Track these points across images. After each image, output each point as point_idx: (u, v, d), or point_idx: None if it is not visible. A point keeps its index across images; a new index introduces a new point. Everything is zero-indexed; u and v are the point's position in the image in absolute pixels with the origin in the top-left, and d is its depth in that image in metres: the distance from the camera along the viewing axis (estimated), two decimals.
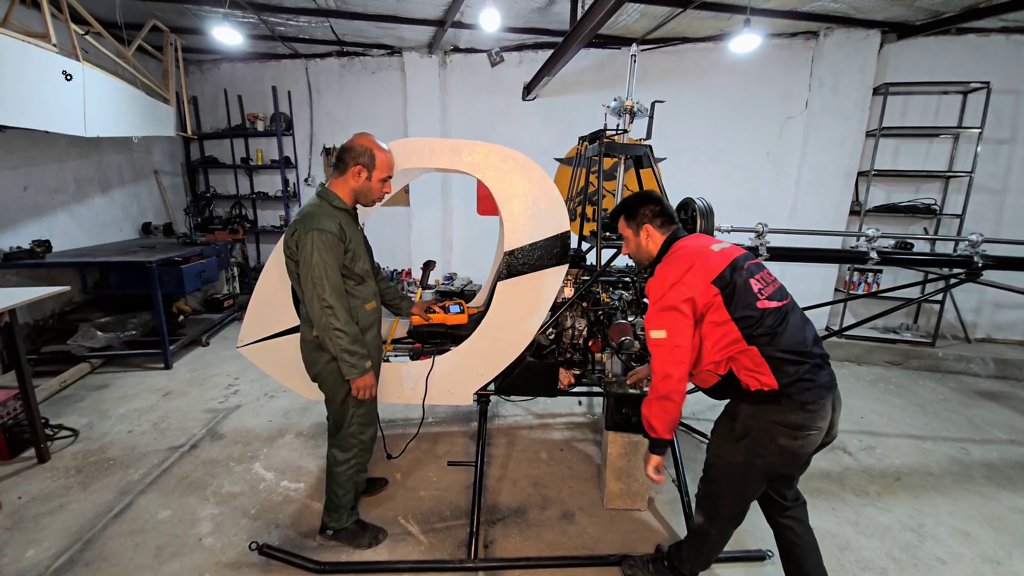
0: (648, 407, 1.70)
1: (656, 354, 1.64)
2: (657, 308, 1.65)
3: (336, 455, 2.12)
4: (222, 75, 6.00)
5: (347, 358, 1.89)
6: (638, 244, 1.89)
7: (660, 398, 1.66)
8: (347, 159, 1.92)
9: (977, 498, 2.71)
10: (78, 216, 4.68)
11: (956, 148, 4.85)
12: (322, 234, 1.80)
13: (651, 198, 1.88)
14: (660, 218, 1.85)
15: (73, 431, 3.11)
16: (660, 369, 1.64)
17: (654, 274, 1.73)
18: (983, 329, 5.18)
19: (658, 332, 1.63)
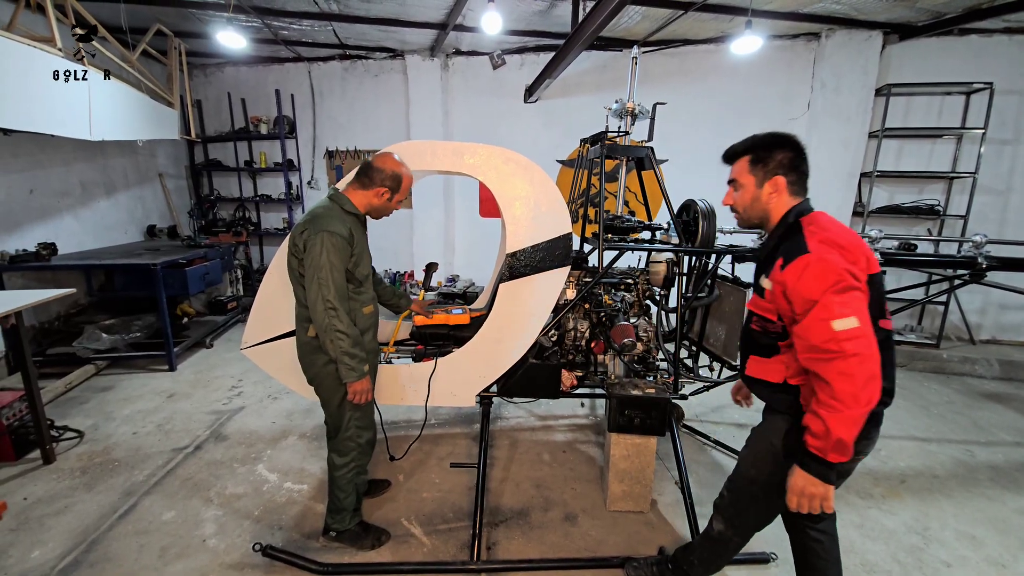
0: (843, 425, 1.24)
1: (849, 350, 1.22)
2: (837, 289, 1.26)
3: (335, 459, 2.12)
4: (226, 79, 6.04)
5: (347, 360, 1.90)
6: (755, 197, 1.51)
7: (862, 413, 1.24)
8: (374, 177, 1.97)
9: (982, 501, 2.70)
10: (83, 219, 4.71)
11: (959, 149, 4.84)
12: (332, 236, 1.82)
13: (792, 142, 1.47)
14: (795, 174, 1.47)
15: (78, 432, 3.13)
16: (863, 369, 1.22)
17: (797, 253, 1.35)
18: (988, 330, 5.15)
19: (847, 321, 1.24)
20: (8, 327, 2.63)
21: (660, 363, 2.76)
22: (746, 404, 2.02)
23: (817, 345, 1.28)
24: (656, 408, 2.34)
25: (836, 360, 1.24)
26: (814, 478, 1.33)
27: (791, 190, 1.48)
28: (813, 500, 1.35)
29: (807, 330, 1.30)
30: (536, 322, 2.47)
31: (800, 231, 1.41)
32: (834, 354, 1.24)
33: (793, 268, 1.34)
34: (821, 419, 1.27)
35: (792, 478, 1.38)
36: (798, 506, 1.37)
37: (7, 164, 3.92)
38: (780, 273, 1.38)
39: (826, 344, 1.26)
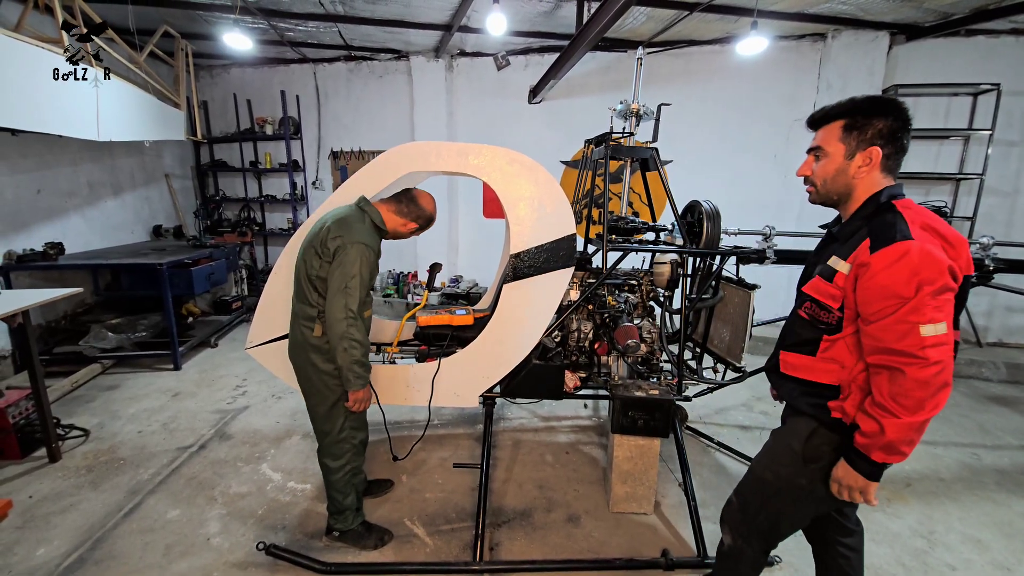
0: (908, 430, 1.17)
1: (934, 358, 1.13)
2: (935, 289, 1.13)
3: (329, 463, 2.11)
4: (232, 80, 6.07)
5: (357, 369, 1.91)
6: (841, 169, 1.32)
7: (925, 420, 1.17)
8: (412, 209, 2.13)
9: (988, 504, 2.68)
10: (90, 219, 4.75)
11: (967, 150, 4.81)
12: (368, 250, 1.90)
13: (897, 110, 1.27)
14: (894, 147, 1.28)
15: (84, 431, 3.15)
16: (939, 379, 1.14)
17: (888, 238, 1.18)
18: (995, 333, 5.11)
19: (938, 327, 1.13)
20: (15, 326, 2.65)
21: (664, 364, 2.76)
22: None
23: (895, 348, 1.16)
24: (660, 410, 2.33)
25: (915, 366, 1.14)
26: (855, 473, 1.28)
27: (885, 165, 1.30)
28: (852, 491, 1.31)
29: (885, 330, 1.17)
30: (540, 323, 2.47)
31: (896, 212, 1.22)
32: (917, 360, 1.14)
33: (887, 253, 1.16)
34: (877, 420, 1.20)
35: (835, 469, 1.34)
36: (838, 493, 1.33)
37: (15, 164, 3.96)
38: (867, 255, 1.20)
39: (908, 348, 1.14)
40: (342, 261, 1.86)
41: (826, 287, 1.32)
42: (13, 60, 2.90)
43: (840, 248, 1.33)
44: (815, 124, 1.40)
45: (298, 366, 2.06)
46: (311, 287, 1.96)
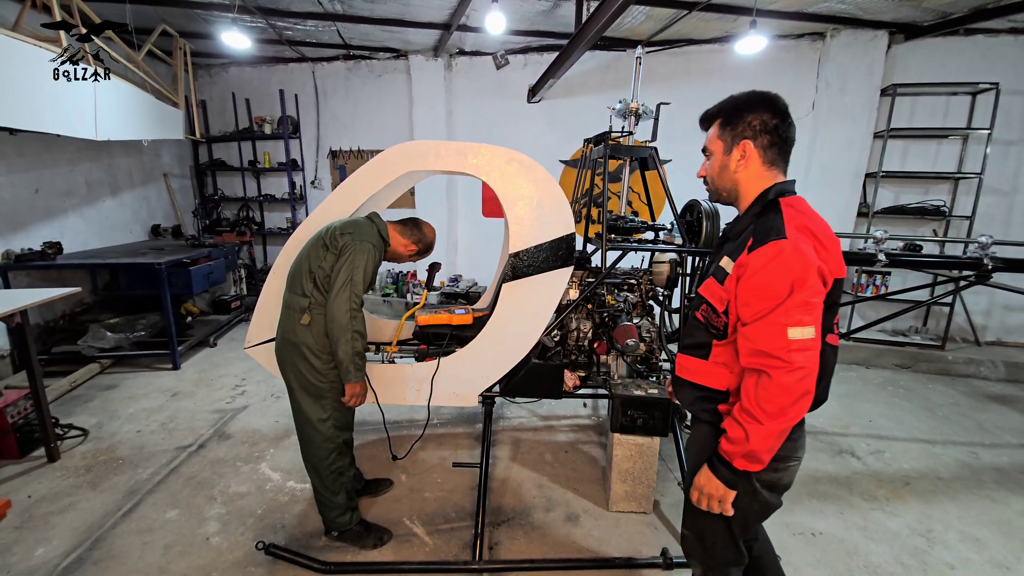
0: (768, 438, 1.16)
1: (798, 363, 1.11)
2: (805, 294, 1.11)
3: (313, 463, 2.11)
4: (230, 79, 6.06)
5: (357, 361, 1.96)
6: (723, 165, 1.32)
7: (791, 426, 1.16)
8: (416, 234, 2.29)
9: (987, 503, 2.68)
10: (88, 218, 4.74)
11: (965, 149, 4.81)
12: (375, 250, 2.03)
13: (769, 103, 1.26)
14: (770, 136, 1.25)
15: (83, 431, 3.14)
16: (801, 385, 1.12)
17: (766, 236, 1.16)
18: (993, 332, 5.12)
19: (805, 331, 1.11)
20: (13, 325, 2.65)
21: (663, 364, 2.76)
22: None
23: (765, 350, 1.14)
24: (659, 409, 2.33)
25: (780, 370, 1.12)
26: (717, 480, 1.25)
27: (764, 158, 1.27)
28: (712, 500, 1.28)
29: (758, 332, 1.15)
30: (539, 322, 2.47)
31: (779, 211, 1.21)
32: (781, 364, 1.12)
33: (762, 253, 1.15)
34: (742, 427, 1.18)
35: (698, 476, 1.31)
36: (697, 501, 1.31)
37: (13, 164, 3.95)
38: (746, 255, 1.19)
39: (776, 351, 1.12)
40: (351, 257, 1.94)
41: (717, 289, 1.29)
42: (11, 59, 2.89)
43: (731, 247, 1.31)
44: (703, 124, 1.42)
45: (284, 360, 2.06)
46: (308, 277, 1.99)
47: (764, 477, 1.30)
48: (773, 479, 1.31)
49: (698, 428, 1.43)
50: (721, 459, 1.24)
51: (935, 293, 4.55)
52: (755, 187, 1.30)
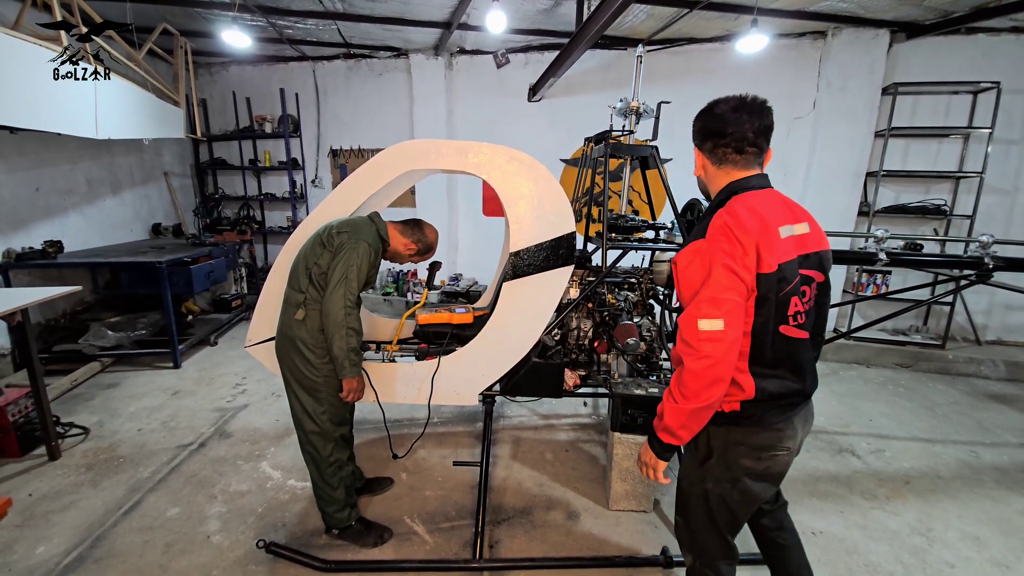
0: (679, 415, 1.28)
1: (705, 352, 1.22)
2: (713, 289, 1.23)
3: (312, 454, 2.13)
4: (231, 77, 6.06)
5: (353, 357, 1.99)
6: (696, 169, 1.47)
7: (702, 408, 1.26)
8: (417, 235, 2.28)
9: (987, 502, 2.68)
10: (89, 217, 4.74)
11: (966, 148, 4.80)
12: (371, 249, 2.04)
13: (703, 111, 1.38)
14: (710, 140, 1.36)
15: (84, 429, 3.15)
16: (709, 372, 1.23)
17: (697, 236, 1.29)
18: (994, 331, 5.12)
19: (712, 322, 1.22)
20: (14, 324, 2.65)
21: (663, 363, 2.76)
22: None
23: (684, 339, 1.27)
24: None
25: (690, 357, 1.25)
26: (650, 451, 1.41)
27: (712, 160, 1.38)
28: (647, 468, 1.44)
29: (681, 323, 1.29)
30: (539, 321, 2.47)
31: (717, 212, 1.30)
32: (691, 351, 1.25)
33: (684, 253, 1.31)
34: (663, 404, 1.33)
35: (641, 448, 1.46)
36: (640, 468, 1.47)
37: (13, 162, 3.95)
38: (677, 255, 1.35)
39: (689, 340, 1.25)
40: (346, 255, 1.96)
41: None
42: (11, 58, 2.89)
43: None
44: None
45: (282, 354, 2.08)
46: (305, 273, 2.01)
47: (751, 466, 1.38)
48: (760, 468, 1.38)
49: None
50: (652, 432, 1.40)
51: (936, 292, 4.54)
52: (716, 188, 1.42)
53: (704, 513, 1.47)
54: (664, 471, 1.43)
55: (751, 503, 1.44)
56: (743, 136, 1.31)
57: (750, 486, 1.40)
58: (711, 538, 1.50)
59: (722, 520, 1.46)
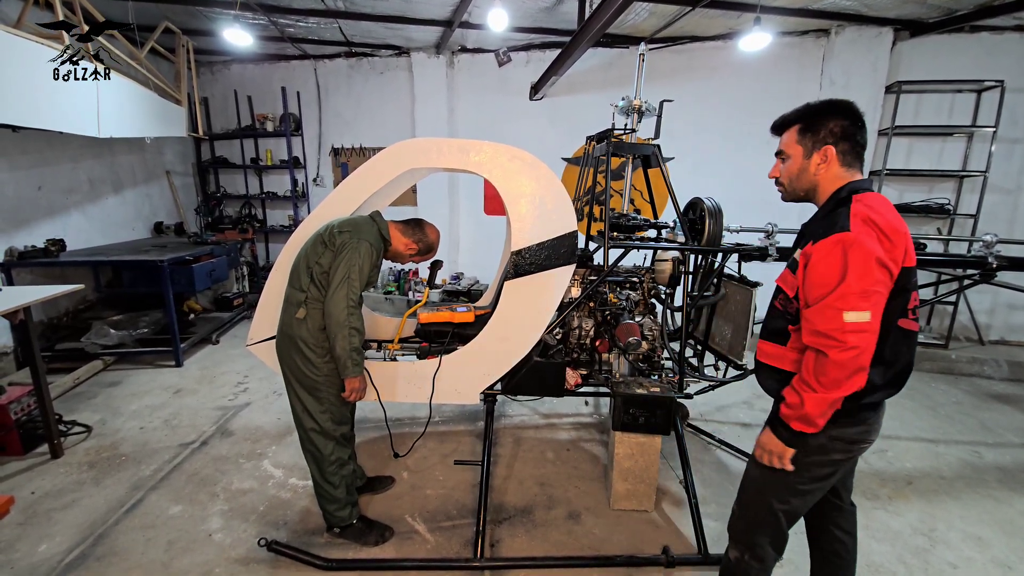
0: (821, 404, 1.29)
1: (852, 343, 1.23)
2: (864, 282, 1.23)
3: (313, 452, 2.13)
4: (232, 76, 6.06)
5: (355, 356, 1.99)
6: (803, 168, 1.43)
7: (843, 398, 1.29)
8: (417, 232, 2.27)
9: (989, 502, 2.67)
10: (91, 216, 4.75)
11: (970, 147, 4.78)
12: (373, 248, 2.04)
13: (848, 111, 1.38)
14: (848, 144, 1.38)
15: (86, 427, 3.16)
16: (854, 362, 1.24)
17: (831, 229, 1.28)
18: (997, 331, 5.10)
19: (860, 314, 1.23)
20: (17, 322, 2.66)
21: (665, 362, 2.75)
22: None
23: (821, 331, 1.27)
24: (661, 407, 2.33)
25: (835, 349, 1.25)
26: (776, 439, 1.41)
27: (843, 161, 1.39)
28: (772, 456, 1.43)
29: (816, 314, 1.28)
30: (541, 320, 2.47)
31: (847, 207, 1.31)
32: (836, 343, 1.25)
33: (825, 243, 1.28)
34: (798, 394, 1.33)
35: (760, 435, 1.47)
36: (760, 456, 1.47)
37: (16, 161, 3.95)
38: (811, 246, 1.32)
39: (832, 332, 1.25)
40: (348, 255, 1.97)
41: (790, 278, 1.43)
42: (13, 56, 2.89)
43: (803, 240, 1.44)
44: (777, 130, 1.52)
45: (283, 352, 2.08)
46: (306, 272, 2.02)
47: (840, 459, 1.43)
48: (845, 461, 1.45)
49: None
50: (780, 421, 1.39)
51: (939, 292, 4.52)
52: (833, 187, 1.42)
53: (774, 507, 1.50)
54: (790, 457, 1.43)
55: (817, 498, 1.51)
56: (866, 142, 1.41)
57: (829, 481, 1.47)
58: (771, 532, 1.54)
59: (790, 515, 1.51)
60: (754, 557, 1.57)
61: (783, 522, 1.52)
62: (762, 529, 1.54)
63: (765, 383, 1.54)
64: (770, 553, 1.57)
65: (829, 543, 1.68)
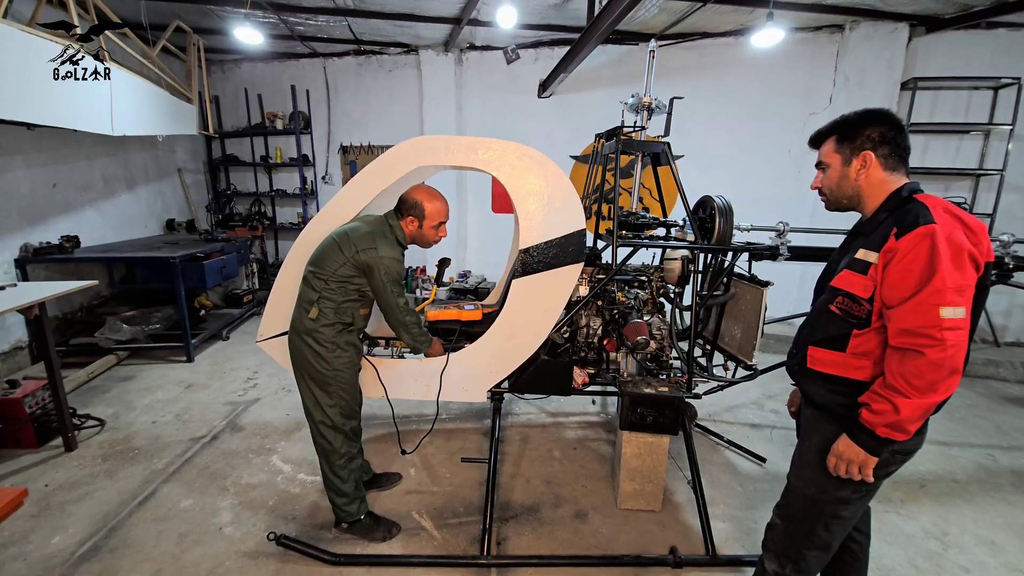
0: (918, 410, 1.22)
1: (950, 341, 1.17)
2: (958, 276, 1.18)
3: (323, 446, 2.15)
4: (243, 74, 6.10)
5: (421, 338, 2.28)
6: (843, 175, 1.42)
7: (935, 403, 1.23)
8: (402, 209, 2.15)
9: (1003, 506, 2.63)
10: (105, 212, 4.81)
11: (987, 145, 4.69)
12: (393, 260, 2.07)
13: (885, 117, 1.37)
14: (889, 146, 1.36)
15: (100, 421, 3.20)
16: (951, 362, 1.18)
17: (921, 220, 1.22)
18: (1013, 333, 5.00)
19: (956, 310, 1.17)
20: (32, 317, 2.70)
21: (674, 362, 2.74)
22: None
23: (914, 329, 1.20)
24: (669, 407, 2.31)
25: (933, 348, 1.18)
26: (857, 447, 1.32)
27: (884, 164, 1.37)
28: (852, 465, 1.34)
29: (908, 312, 1.20)
30: (548, 319, 2.46)
31: (920, 204, 1.28)
32: (934, 342, 1.18)
33: (912, 237, 1.21)
34: (887, 400, 1.24)
35: (836, 444, 1.37)
36: (834, 468, 1.37)
37: (31, 158, 4.01)
38: (894, 242, 1.25)
39: (927, 330, 1.18)
40: (379, 274, 2.04)
41: (859, 279, 1.35)
42: (28, 54, 2.93)
43: (867, 241, 1.38)
44: (815, 143, 1.52)
45: (294, 348, 2.11)
46: (321, 274, 2.04)
47: (893, 470, 1.40)
48: (894, 471, 1.41)
49: (827, 425, 1.44)
50: (862, 428, 1.30)
51: None
52: (880, 190, 1.39)
53: (828, 521, 1.45)
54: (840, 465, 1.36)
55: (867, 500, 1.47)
56: (909, 148, 1.40)
57: (876, 491, 1.44)
58: (820, 545, 1.49)
59: (843, 528, 1.48)
60: (796, 570, 1.53)
61: (836, 535, 1.49)
62: (813, 543, 1.49)
63: (816, 391, 1.47)
64: (814, 568, 1.54)
65: (844, 544, 1.64)
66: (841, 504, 1.44)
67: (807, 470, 1.48)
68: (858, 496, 1.43)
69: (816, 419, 1.49)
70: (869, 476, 1.33)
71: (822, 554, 1.51)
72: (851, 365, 1.37)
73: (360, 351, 2.25)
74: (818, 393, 1.46)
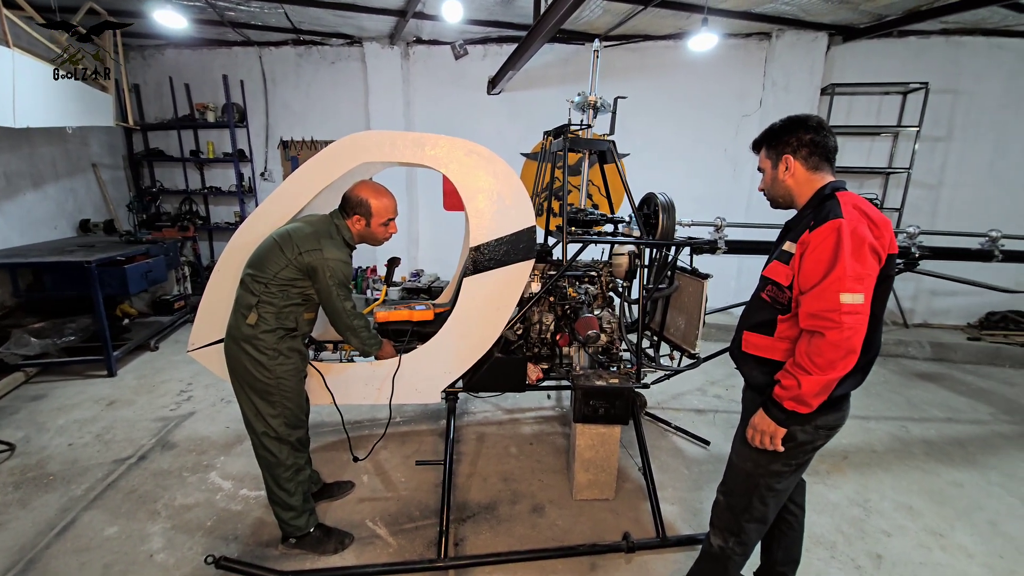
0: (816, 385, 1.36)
1: (848, 324, 1.30)
2: (858, 265, 1.32)
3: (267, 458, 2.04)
4: (167, 62, 5.64)
5: (369, 341, 2.21)
6: (773, 178, 1.60)
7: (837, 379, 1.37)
8: (348, 208, 2.07)
9: (918, 473, 2.91)
10: (8, 213, 4.30)
11: (896, 146, 5.16)
12: (340, 261, 1.99)
13: (803, 123, 1.52)
14: (808, 148, 1.51)
15: (9, 445, 2.88)
16: (847, 343, 1.31)
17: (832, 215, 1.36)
18: (920, 315, 5.55)
19: (855, 296, 1.30)
20: None
21: (623, 353, 2.81)
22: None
23: (818, 312, 1.34)
24: (620, 398, 2.38)
25: (833, 330, 1.31)
26: (769, 419, 1.48)
27: (806, 164, 1.52)
28: (764, 436, 1.50)
29: (815, 297, 1.34)
30: (501, 316, 2.46)
31: (835, 200, 1.42)
32: (833, 324, 1.31)
33: (822, 230, 1.36)
34: (793, 376, 1.39)
35: (753, 417, 1.53)
36: (751, 438, 1.53)
37: None
38: (808, 234, 1.40)
39: (828, 313, 1.32)
40: (323, 276, 1.95)
41: (783, 268, 1.49)
42: None
43: (792, 234, 1.52)
44: (754, 149, 1.69)
45: (231, 356, 1.99)
46: (260, 277, 1.93)
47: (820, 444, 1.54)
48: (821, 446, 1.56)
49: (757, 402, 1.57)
50: (774, 402, 1.46)
51: None
52: (806, 189, 1.55)
53: (763, 493, 1.58)
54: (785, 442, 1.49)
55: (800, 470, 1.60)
56: (834, 147, 1.53)
57: (808, 464, 1.59)
58: (758, 517, 1.61)
59: (778, 500, 1.60)
60: (739, 543, 1.65)
61: (771, 507, 1.61)
62: (751, 515, 1.61)
63: (750, 373, 1.61)
64: (754, 540, 1.66)
65: (781, 515, 1.78)
66: (775, 477, 1.56)
67: (744, 447, 1.60)
68: (788, 470, 1.56)
69: (752, 399, 1.63)
70: (779, 446, 1.49)
71: (759, 526, 1.64)
72: (778, 348, 1.51)
73: (306, 357, 2.14)
74: (751, 375, 1.61)
